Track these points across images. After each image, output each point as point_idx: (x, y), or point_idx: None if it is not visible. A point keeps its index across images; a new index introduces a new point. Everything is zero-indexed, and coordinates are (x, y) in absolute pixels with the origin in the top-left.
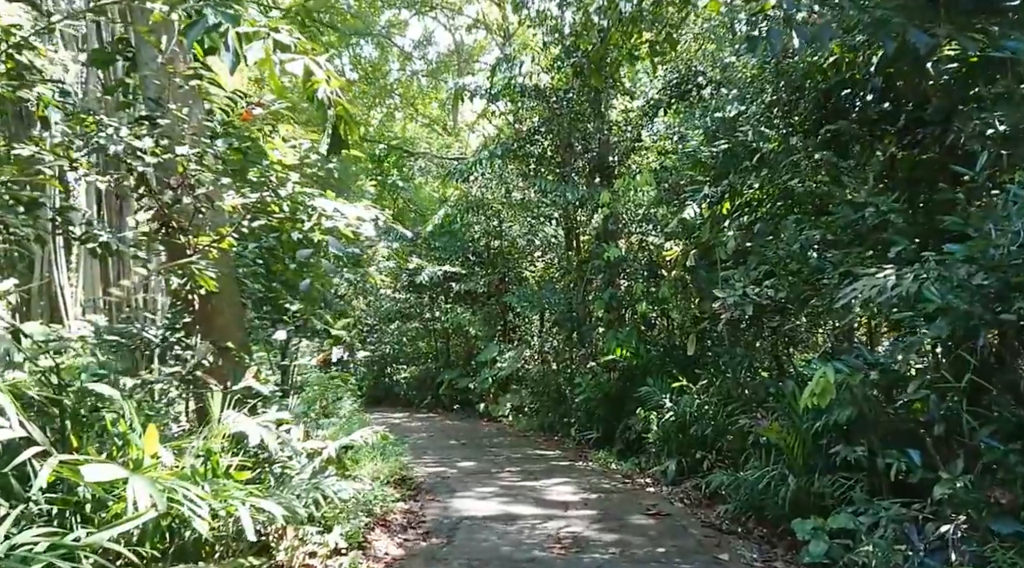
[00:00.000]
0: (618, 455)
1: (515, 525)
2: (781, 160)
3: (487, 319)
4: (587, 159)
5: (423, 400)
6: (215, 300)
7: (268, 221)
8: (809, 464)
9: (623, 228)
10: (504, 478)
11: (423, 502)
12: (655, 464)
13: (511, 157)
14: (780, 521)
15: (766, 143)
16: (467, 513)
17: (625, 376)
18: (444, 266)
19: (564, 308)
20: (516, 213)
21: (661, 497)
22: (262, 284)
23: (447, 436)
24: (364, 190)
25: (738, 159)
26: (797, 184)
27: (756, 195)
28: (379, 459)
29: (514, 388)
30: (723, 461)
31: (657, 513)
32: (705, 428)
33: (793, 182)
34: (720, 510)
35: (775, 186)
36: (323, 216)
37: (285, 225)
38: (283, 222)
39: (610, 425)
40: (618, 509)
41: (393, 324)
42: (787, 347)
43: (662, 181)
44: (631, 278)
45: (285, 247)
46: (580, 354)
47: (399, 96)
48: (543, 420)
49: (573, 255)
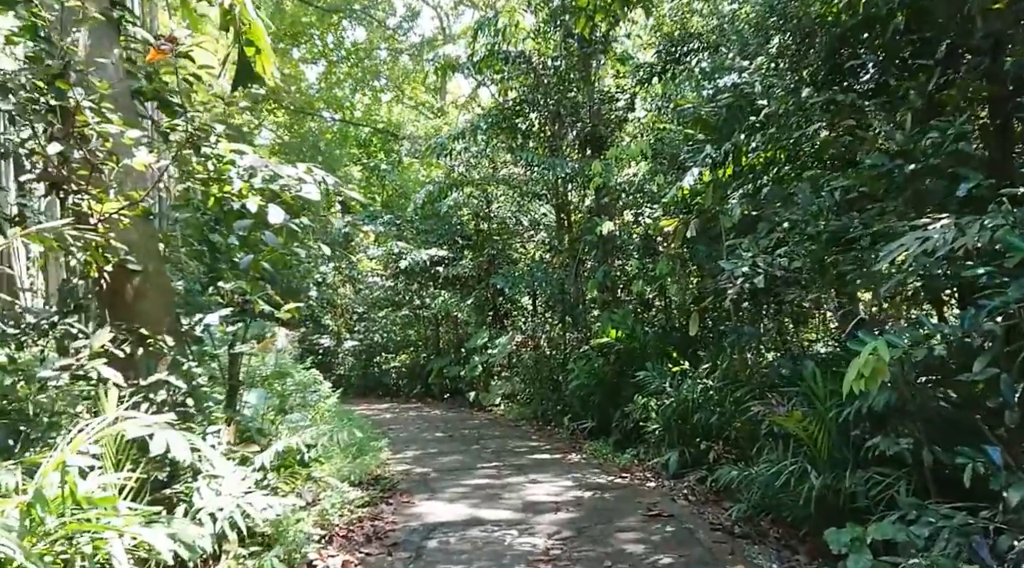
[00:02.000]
0: (615, 446)
1: (497, 532)
2: (791, 115)
3: (477, 304)
4: (577, 131)
5: (413, 390)
6: (138, 281)
7: (192, 184)
8: (835, 458)
9: (616, 202)
10: (490, 474)
11: (396, 505)
12: (655, 455)
13: (496, 131)
14: (802, 523)
15: (773, 98)
16: (444, 519)
17: (621, 360)
18: (430, 250)
19: (556, 290)
20: (504, 192)
21: (662, 493)
22: (205, 264)
23: (433, 428)
24: (350, 175)
25: (743, 115)
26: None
27: (763, 157)
28: (352, 456)
29: (505, 375)
30: (731, 452)
31: (659, 514)
32: (710, 415)
33: (807, 138)
34: (731, 509)
35: (784, 145)
36: (253, 175)
37: (211, 188)
38: (208, 184)
39: (606, 413)
40: (615, 510)
41: (382, 312)
42: (797, 325)
43: (658, 152)
44: (626, 255)
45: (228, 218)
46: (573, 338)
47: (385, 78)
48: (536, 409)
49: (564, 234)
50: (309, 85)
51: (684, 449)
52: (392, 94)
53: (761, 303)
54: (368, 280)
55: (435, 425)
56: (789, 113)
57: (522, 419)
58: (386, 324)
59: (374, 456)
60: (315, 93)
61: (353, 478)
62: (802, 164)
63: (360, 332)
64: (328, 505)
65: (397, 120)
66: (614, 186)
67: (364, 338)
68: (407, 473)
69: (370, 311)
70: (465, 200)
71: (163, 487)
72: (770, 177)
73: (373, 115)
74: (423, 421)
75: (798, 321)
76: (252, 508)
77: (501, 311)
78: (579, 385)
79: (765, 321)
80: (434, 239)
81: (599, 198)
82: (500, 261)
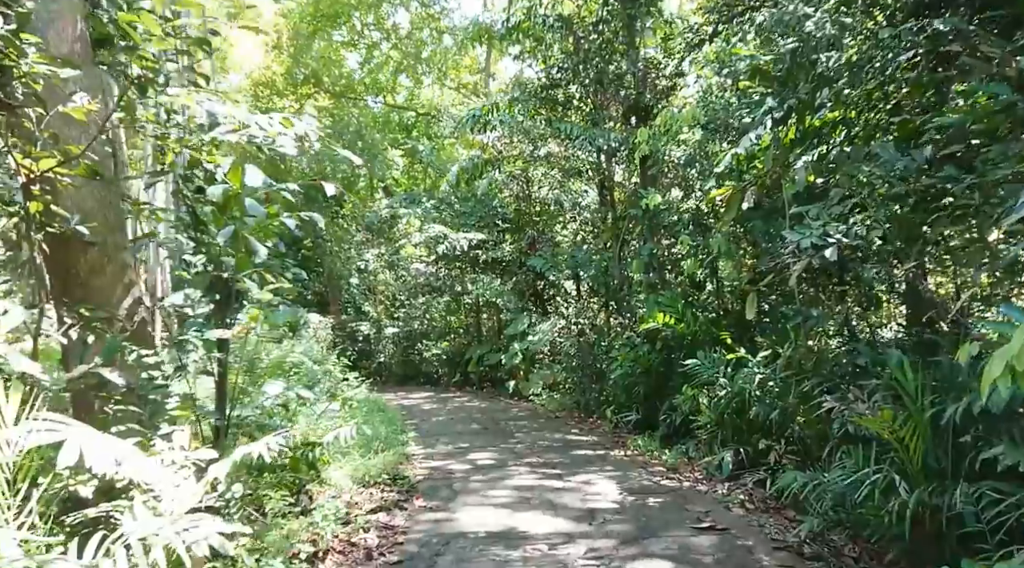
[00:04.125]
0: (661, 441)
1: (521, 549)
2: (866, 63)
3: (517, 289)
4: (620, 100)
5: (453, 378)
6: (93, 255)
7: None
8: (930, 467)
9: (664, 175)
10: (522, 474)
11: (411, 511)
12: (706, 454)
13: (534, 103)
14: (889, 545)
15: (847, 40)
16: (463, 528)
17: (669, 347)
18: (469, 234)
19: (599, 272)
20: (545, 172)
21: (715, 500)
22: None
23: (469, 419)
24: (392, 161)
25: (809, 64)
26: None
27: (832, 117)
28: (374, 453)
29: (547, 364)
30: (795, 453)
31: (711, 527)
32: (770, 410)
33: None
34: (799, 526)
35: (855, 101)
36: (215, 125)
37: (168, 142)
38: (163, 137)
39: (652, 405)
40: (660, 520)
41: (422, 298)
42: (868, 308)
43: (712, 119)
44: (674, 234)
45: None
46: (618, 323)
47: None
48: (577, 399)
49: (608, 212)
50: (351, 71)
51: (739, 448)
52: (434, 76)
53: (823, 284)
54: (410, 267)
55: (471, 416)
56: (864, 60)
57: (563, 410)
58: (426, 311)
59: (397, 452)
60: (357, 78)
61: (368, 478)
62: (877, 123)
63: (400, 319)
64: (320, 517)
65: (440, 103)
66: (661, 157)
67: (404, 325)
68: (431, 472)
69: (411, 297)
70: (505, 180)
71: (87, 506)
72: (839, 140)
73: (415, 100)
74: (459, 411)
75: (869, 303)
76: (189, 534)
77: (544, 296)
78: (623, 374)
79: (828, 303)
80: (473, 222)
81: (645, 171)
82: (541, 244)
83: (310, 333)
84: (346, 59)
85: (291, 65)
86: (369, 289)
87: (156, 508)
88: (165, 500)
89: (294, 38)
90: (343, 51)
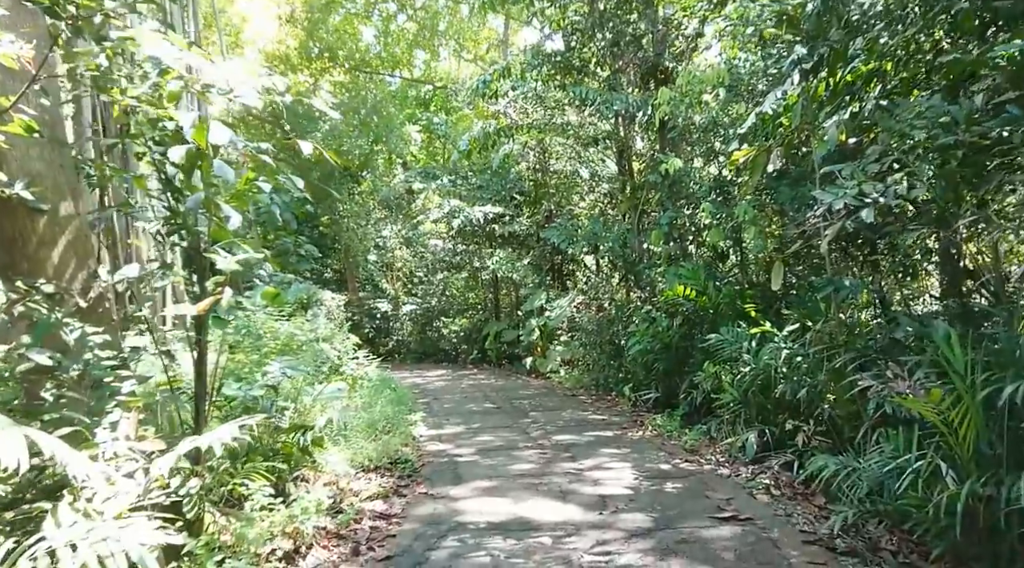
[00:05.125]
0: (681, 421)
1: (525, 541)
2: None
3: (534, 264)
4: (638, 62)
5: (470, 355)
6: (44, 223)
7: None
8: (985, 455)
9: (686, 137)
10: (532, 457)
11: (410, 498)
12: (728, 434)
13: (549, 67)
14: (935, 540)
15: None
16: (464, 518)
17: (690, 321)
18: (484, 207)
19: (617, 244)
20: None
21: (738, 485)
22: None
23: (482, 397)
24: (409, 137)
25: (841, 5)
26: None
27: (865, 70)
28: (377, 434)
29: (565, 340)
30: (825, 434)
31: (734, 516)
32: (797, 388)
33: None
34: (832, 518)
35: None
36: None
37: (112, 93)
38: (104, 87)
39: (671, 383)
40: (678, 509)
41: (440, 275)
42: (904, 277)
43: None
44: (695, 202)
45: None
46: (637, 297)
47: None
48: (596, 377)
49: (626, 180)
50: (368, 45)
51: (764, 428)
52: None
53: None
54: (428, 242)
55: (485, 394)
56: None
57: (580, 387)
58: (445, 287)
59: (403, 433)
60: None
61: (368, 462)
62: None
63: (418, 296)
64: (299, 510)
65: (457, 77)
66: (682, 119)
67: (422, 302)
68: (436, 454)
69: (429, 274)
70: (521, 152)
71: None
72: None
73: (432, 74)
74: (473, 389)
75: (905, 273)
76: (120, 544)
77: (562, 271)
78: (641, 350)
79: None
80: (489, 196)
81: (664, 136)
82: (558, 217)
83: (323, 310)
84: (361, 33)
85: (305, 39)
86: (387, 266)
87: (87, 510)
88: (96, 500)
89: (308, 11)
90: (358, 24)
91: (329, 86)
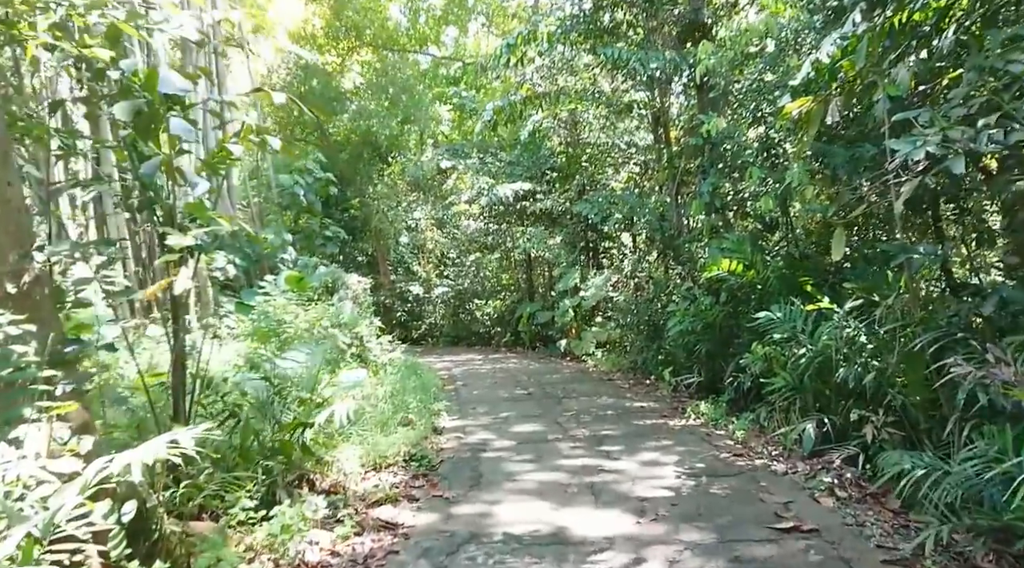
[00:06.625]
0: (727, 408)
1: (545, 560)
2: None
3: (567, 241)
4: (674, 19)
5: (504, 338)
6: None
7: None
8: None
9: (729, 97)
10: (564, 452)
11: (423, 502)
12: (782, 424)
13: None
14: None
15: None
16: (480, 527)
17: (735, 299)
18: (514, 184)
19: (654, 217)
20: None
21: (796, 485)
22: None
23: (513, 383)
24: (439, 116)
25: None
26: None
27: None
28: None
29: (600, 321)
30: (899, 426)
31: (796, 527)
32: (863, 373)
33: None
34: (921, 536)
35: None
36: None
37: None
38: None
39: (715, 366)
40: (727, 516)
41: (472, 256)
42: (982, 244)
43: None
44: (739, 168)
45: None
46: (675, 274)
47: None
48: (633, 359)
49: (663, 149)
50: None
51: (823, 418)
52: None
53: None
54: (460, 223)
55: (516, 379)
56: None
57: (617, 371)
58: (477, 269)
59: (423, 426)
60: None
61: (381, 461)
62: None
63: (450, 278)
64: (279, 527)
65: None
66: (723, 79)
67: (455, 284)
68: (458, 449)
69: (461, 255)
70: (552, 125)
71: None
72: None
73: (462, 51)
74: (504, 374)
75: (979, 239)
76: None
77: (597, 249)
78: (682, 331)
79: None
80: (520, 172)
81: (704, 96)
82: (591, 191)
83: (349, 294)
84: (388, 10)
85: (331, 18)
86: (418, 248)
87: None
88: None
89: None
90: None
91: (357, 66)
